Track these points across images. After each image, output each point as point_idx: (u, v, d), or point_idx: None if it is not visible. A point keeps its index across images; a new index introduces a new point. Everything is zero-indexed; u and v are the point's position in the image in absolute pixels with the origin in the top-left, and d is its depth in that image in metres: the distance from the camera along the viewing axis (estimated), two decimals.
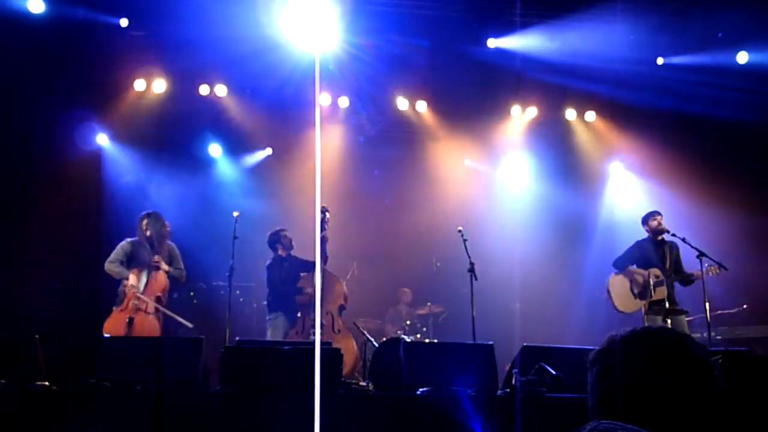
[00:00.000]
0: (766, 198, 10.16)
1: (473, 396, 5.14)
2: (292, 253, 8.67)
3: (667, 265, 8.19)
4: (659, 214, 8.35)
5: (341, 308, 8.22)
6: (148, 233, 7.69)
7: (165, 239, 7.83)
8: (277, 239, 8.68)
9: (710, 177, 10.03)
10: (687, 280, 8.12)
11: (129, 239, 7.77)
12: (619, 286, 8.46)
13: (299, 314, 8.19)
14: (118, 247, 7.69)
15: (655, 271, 8.19)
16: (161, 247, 7.76)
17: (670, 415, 1.49)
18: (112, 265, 7.56)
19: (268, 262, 8.65)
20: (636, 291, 8.31)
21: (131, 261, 7.61)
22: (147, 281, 7.47)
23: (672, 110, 10.29)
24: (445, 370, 5.47)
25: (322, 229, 8.05)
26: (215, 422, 4.85)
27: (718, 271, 7.87)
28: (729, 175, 10.08)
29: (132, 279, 7.40)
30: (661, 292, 8.06)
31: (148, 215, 7.82)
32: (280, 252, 8.64)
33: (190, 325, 7.43)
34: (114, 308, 7.40)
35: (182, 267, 7.92)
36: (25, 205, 9.71)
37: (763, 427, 4.71)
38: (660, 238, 8.27)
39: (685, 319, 8.16)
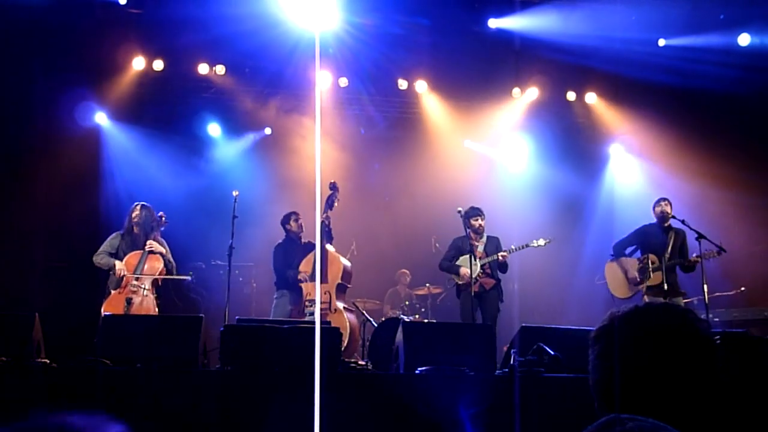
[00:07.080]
0: (766, 178, 10.13)
1: (472, 376, 5.16)
2: (302, 236, 8.65)
3: (668, 251, 8.21)
4: (665, 200, 8.37)
5: (340, 287, 8.11)
6: (135, 223, 7.65)
7: (155, 230, 7.78)
8: (286, 221, 8.67)
9: (711, 158, 9.99)
10: (688, 266, 8.14)
11: (118, 232, 7.79)
12: (614, 272, 8.52)
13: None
14: (107, 240, 7.71)
15: (652, 256, 8.22)
16: (151, 237, 7.72)
17: (673, 393, 1.48)
18: (98, 257, 7.65)
19: (277, 242, 8.66)
20: (630, 277, 8.36)
21: (119, 253, 7.63)
22: (143, 264, 7.46)
23: (673, 91, 10.24)
24: (444, 350, 5.48)
25: (331, 206, 8.00)
26: (214, 400, 4.86)
27: (717, 254, 7.87)
28: (730, 157, 10.04)
29: (119, 264, 7.43)
30: (657, 277, 8.10)
31: (141, 206, 7.78)
32: (290, 233, 8.62)
33: (188, 277, 7.68)
34: (112, 290, 7.41)
35: (171, 260, 7.85)
36: (23, 183, 9.68)
37: (760, 407, 4.74)
38: (667, 224, 8.30)
39: (682, 301, 8.20)
